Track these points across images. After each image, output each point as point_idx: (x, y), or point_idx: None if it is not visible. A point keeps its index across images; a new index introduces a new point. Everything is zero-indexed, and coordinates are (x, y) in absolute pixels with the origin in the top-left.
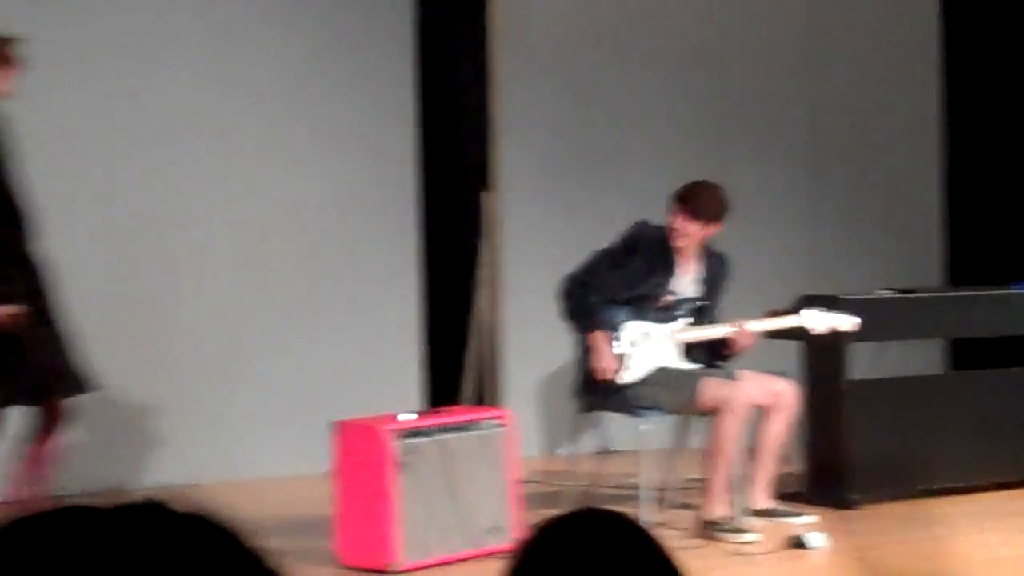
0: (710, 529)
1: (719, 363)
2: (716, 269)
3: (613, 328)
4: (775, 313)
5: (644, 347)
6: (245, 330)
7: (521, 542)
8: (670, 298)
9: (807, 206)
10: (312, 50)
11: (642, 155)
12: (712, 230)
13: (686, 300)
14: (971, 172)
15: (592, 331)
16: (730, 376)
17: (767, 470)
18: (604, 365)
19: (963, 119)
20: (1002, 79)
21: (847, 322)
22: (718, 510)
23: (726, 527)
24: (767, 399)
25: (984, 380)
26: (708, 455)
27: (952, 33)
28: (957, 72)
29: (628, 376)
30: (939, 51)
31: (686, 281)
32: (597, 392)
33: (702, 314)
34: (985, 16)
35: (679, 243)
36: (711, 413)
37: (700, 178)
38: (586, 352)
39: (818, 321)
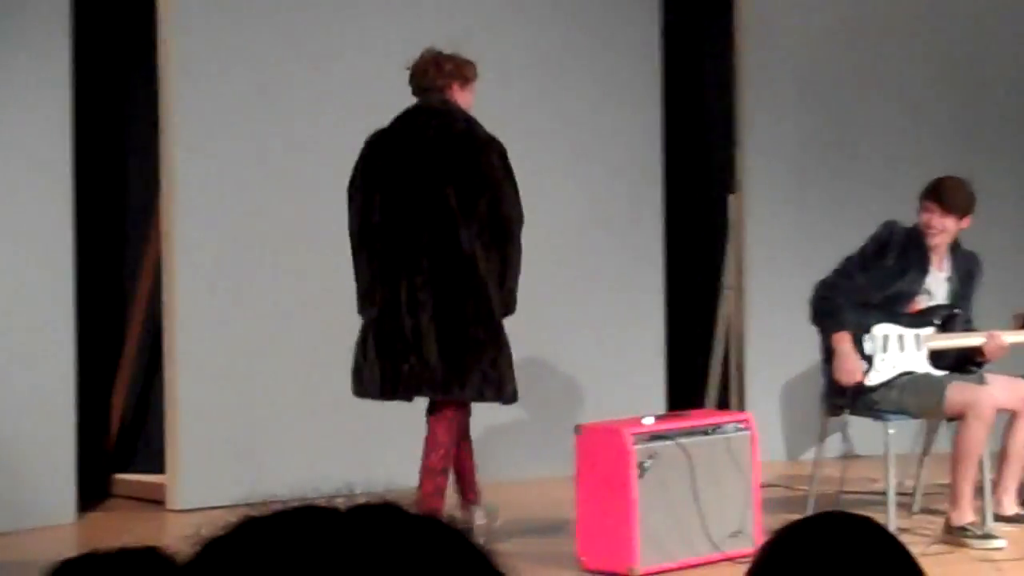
0: (957, 535)
1: (970, 368)
2: (968, 267)
3: (865, 330)
4: None
5: (893, 350)
6: None
7: (763, 546)
8: (923, 299)
9: None
10: (560, 55)
11: (892, 157)
12: (966, 223)
13: (940, 306)
14: None
15: (837, 332)
16: (978, 380)
17: (1015, 475)
18: (848, 368)
19: None
20: None
21: None
22: (966, 516)
23: (973, 533)
24: (1015, 403)
25: None
26: (955, 460)
27: None
28: None
29: (875, 379)
30: None
31: (939, 280)
32: (843, 395)
33: (955, 319)
34: None
35: (935, 240)
36: (958, 417)
37: (949, 173)
38: (830, 355)
39: None
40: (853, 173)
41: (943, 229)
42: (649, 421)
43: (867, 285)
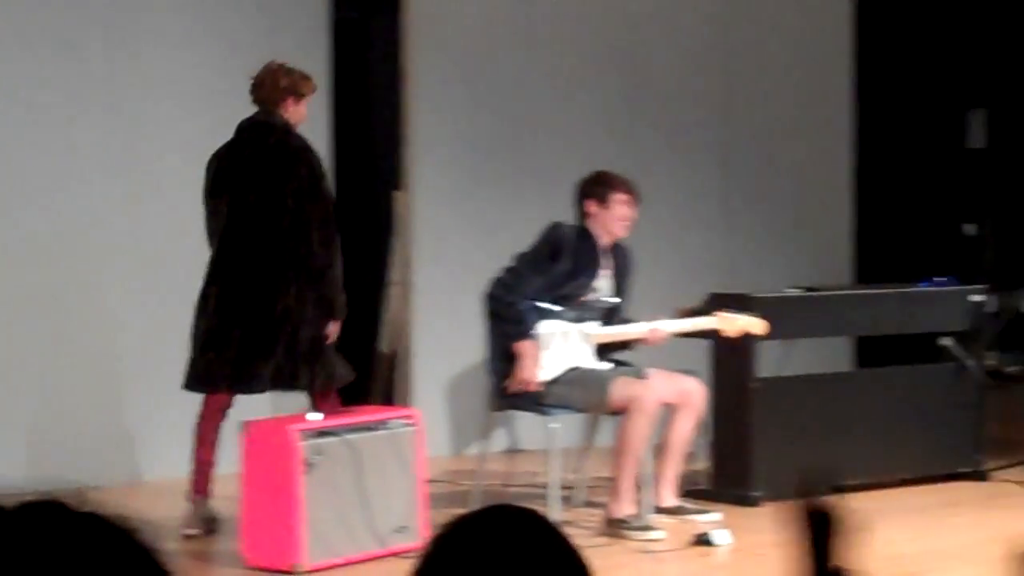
0: (616, 527)
1: (626, 360)
2: (625, 261)
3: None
4: (687, 312)
5: (560, 346)
6: (154, 328)
7: (429, 541)
8: (590, 295)
9: (719, 205)
10: (227, 54)
11: (558, 155)
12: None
13: (602, 300)
14: (880, 173)
15: (521, 340)
16: (639, 375)
17: (674, 468)
18: (529, 377)
19: (873, 122)
20: (912, 82)
21: (758, 326)
22: (625, 508)
23: (632, 525)
24: (675, 397)
25: (890, 377)
26: (617, 453)
27: (864, 37)
28: (869, 75)
29: (543, 376)
30: (852, 53)
31: (604, 276)
32: (515, 394)
33: (616, 312)
34: (896, 21)
35: (625, 233)
36: (621, 412)
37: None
38: (508, 357)
39: (730, 324)
40: (520, 171)
41: (633, 221)
42: (315, 417)
43: (540, 287)
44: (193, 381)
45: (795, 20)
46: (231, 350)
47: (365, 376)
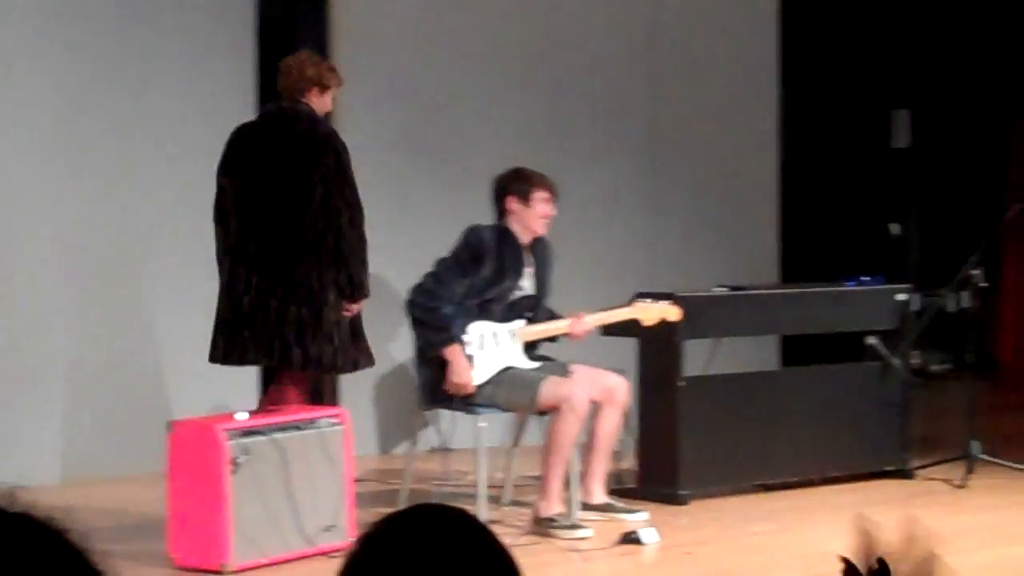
0: (544, 526)
1: (550, 356)
2: (545, 255)
3: (462, 331)
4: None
5: (490, 347)
6: (83, 328)
7: (356, 540)
8: (514, 295)
9: (647, 203)
10: (150, 47)
11: (482, 153)
12: None
13: (526, 298)
14: (806, 173)
15: (449, 345)
16: (562, 372)
17: (602, 464)
18: (463, 380)
19: (799, 122)
20: (837, 82)
21: (674, 313)
22: (553, 507)
23: (561, 524)
24: (600, 394)
25: (816, 376)
26: (546, 452)
27: (790, 37)
28: (794, 74)
29: (478, 378)
30: (778, 53)
31: (528, 274)
32: (448, 397)
33: (541, 309)
34: (821, 21)
35: (544, 231)
36: (551, 411)
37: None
38: (436, 361)
39: (647, 313)
40: (447, 169)
41: (552, 219)
42: (242, 417)
43: (464, 292)
44: (224, 356)
45: (722, 20)
46: (264, 326)
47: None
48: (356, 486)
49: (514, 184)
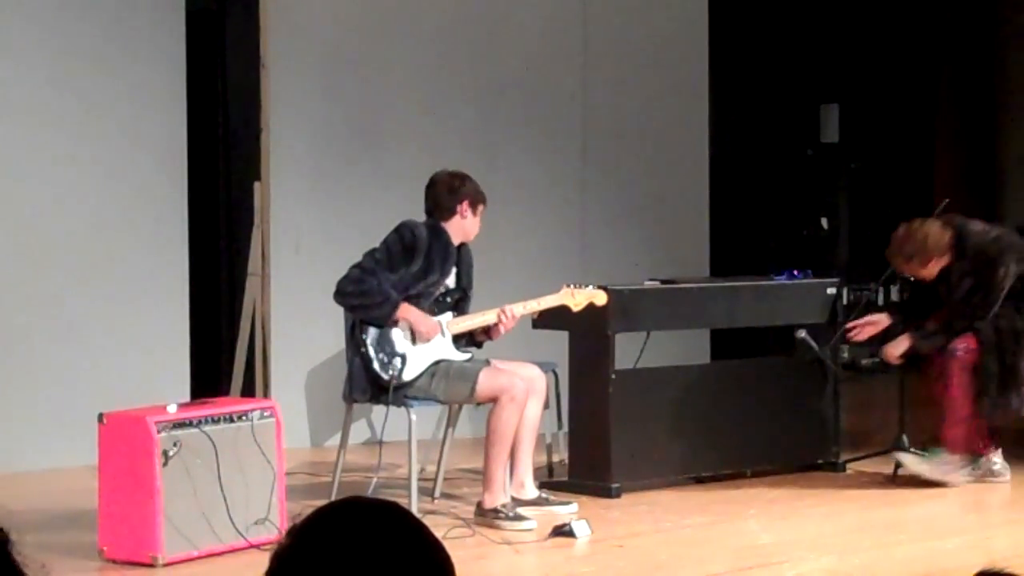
0: (490, 517)
1: (475, 349)
2: (469, 259)
3: (394, 326)
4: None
5: (421, 341)
6: (11, 320)
7: (288, 533)
8: (440, 290)
9: (577, 198)
10: (79, 37)
11: (414, 149)
12: None
13: (452, 290)
14: (736, 167)
15: (399, 306)
16: (483, 363)
17: (529, 456)
18: (430, 325)
19: (729, 116)
20: (766, 77)
21: (600, 297)
22: (499, 498)
23: (506, 515)
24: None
25: (747, 369)
26: (489, 443)
27: (719, 32)
28: (724, 69)
29: (411, 372)
30: (708, 47)
31: (453, 275)
32: (384, 389)
33: (466, 301)
34: (750, 17)
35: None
36: (489, 402)
37: (470, 168)
38: (387, 343)
39: (574, 299)
40: (376, 164)
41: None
42: (173, 409)
43: (391, 286)
44: None
45: (653, 15)
46: None
47: (226, 368)
48: (287, 479)
49: (473, 193)
